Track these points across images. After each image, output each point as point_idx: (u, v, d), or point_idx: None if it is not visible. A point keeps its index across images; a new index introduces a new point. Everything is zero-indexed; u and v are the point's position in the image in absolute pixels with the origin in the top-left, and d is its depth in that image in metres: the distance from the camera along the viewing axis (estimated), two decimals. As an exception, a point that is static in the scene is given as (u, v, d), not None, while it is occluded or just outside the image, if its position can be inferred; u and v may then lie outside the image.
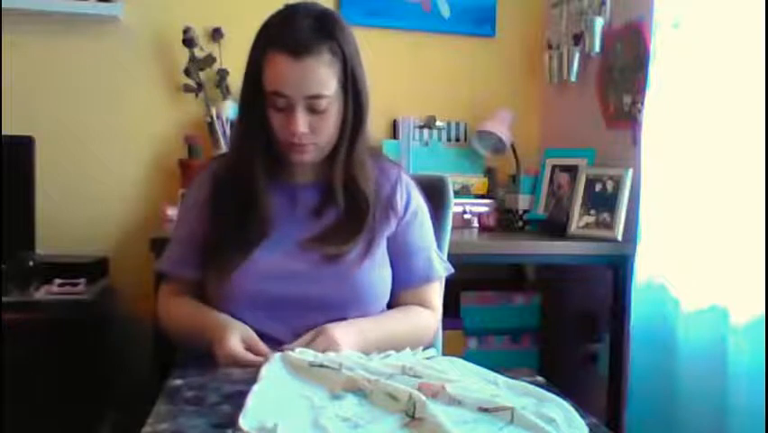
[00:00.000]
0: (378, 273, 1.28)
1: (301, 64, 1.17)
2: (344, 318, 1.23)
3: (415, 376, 0.93)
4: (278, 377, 0.95)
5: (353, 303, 1.24)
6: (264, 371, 0.95)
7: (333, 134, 1.24)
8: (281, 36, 1.18)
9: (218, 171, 1.31)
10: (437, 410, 0.83)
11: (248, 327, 1.17)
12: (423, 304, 1.35)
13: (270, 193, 1.27)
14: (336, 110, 1.22)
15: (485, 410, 0.85)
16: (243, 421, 0.81)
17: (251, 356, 1.10)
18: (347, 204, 1.27)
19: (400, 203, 1.33)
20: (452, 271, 1.40)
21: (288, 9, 1.23)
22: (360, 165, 1.28)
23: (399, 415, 0.85)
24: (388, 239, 1.31)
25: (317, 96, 1.19)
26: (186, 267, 1.30)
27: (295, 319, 1.21)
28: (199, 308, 1.27)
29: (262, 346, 1.13)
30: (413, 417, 0.84)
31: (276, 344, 1.16)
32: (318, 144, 1.23)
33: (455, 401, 0.87)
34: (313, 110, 1.19)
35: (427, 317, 1.35)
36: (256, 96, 1.22)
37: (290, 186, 1.30)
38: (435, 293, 1.38)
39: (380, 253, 1.29)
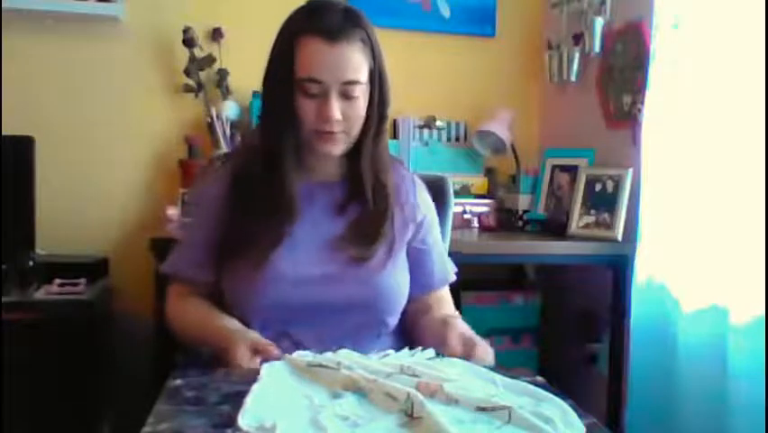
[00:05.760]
0: (400, 276, 1.27)
1: (337, 49, 1.15)
2: (365, 321, 1.22)
3: (413, 375, 0.93)
4: (279, 377, 0.95)
5: (377, 306, 1.23)
6: (264, 371, 0.95)
7: (362, 125, 1.22)
8: (313, 22, 1.17)
9: (238, 169, 1.26)
10: (435, 409, 0.83)
11: (255, 333, 1.13)
12: (447, 306, 1.36)
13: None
14: (365, 99, 1.20)
15: (482, 410, 0.85)
16: (242, 420, 0.81)
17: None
18: (372, 201, 1.25)
19: (416, 208, 1.32)
20: (456, 270, 1.40)
21: (312, 3, 1.21)
22: (383, 162, 1.27)
23: (398, 414, 0.85)
24: (407, 243, 1.31)
25: (352, 83, 1.17)
26: (197, 270, 1.27)
27: (318, 322, 1.19)
28: (210, 313, 1.23)
29: (272, 349, 1.08)
30: (411, 416, 0.84)
31: (299, 346, 1.13)
32: (348, 134, 1.20)
33: (453, 401, 0.87)
34: (346, 96, 1.17)
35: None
36: (284, 86, 1.18)
37: (310, 184, 1.27)
38: (448, 291, 1.39)
39: (401, 255, 1.29)
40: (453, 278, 1.39)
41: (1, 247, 2.01)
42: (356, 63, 1.17)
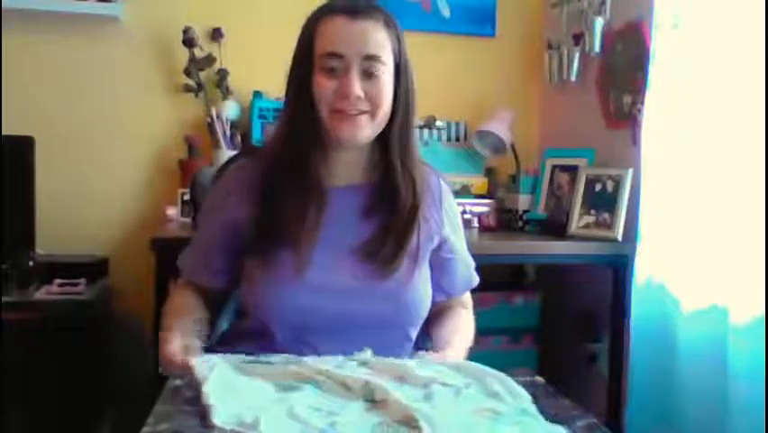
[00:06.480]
0: (424, 287, 1.25)
1: (358, 24, 1.13)
2: (390, 334, 1.21)
3: (363, 364, 0.95)
4: (224, 374, 0.93)
5: (402, 321, 1.21)
6: (202, 369, 0.93)
7: (386, 112, 1.17)
8: (335, 5, 1.15)
9: (263, 169, 1.22)
10: (396, 392, 0.85)
11: (194, 338, 1.10)
12: (463, 303, 1.38)
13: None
14: (389, 85, 1.16)
15: (431, 385, 0.90)
16: (218, 419, 0.80)
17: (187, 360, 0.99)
18: (395, 204, 1.21)
19: (443, 220, 1.29)
20: (476, 279, 1.40)
21: None
22: (413, 158, 1.23)
23: (359, 402, 0.86)
24: (432, 250, 1.28)
25: (374, 58, 1.13)
26: (211, 275, 1.25)
27: (340, 332, 1.15)
28: (184, 308, 1.21)
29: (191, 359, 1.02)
30: (373, 401, 0.85)
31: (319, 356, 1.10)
32: (372, 117, 1.15)
33: (404, 381, 0.91)
34: (368, 74, 1.13)
35: (470, 317, 1.37)
36: (306, 69, 1.15)
37: (336, 188, 1.22)
38: (469, 298, 1.42)
39: (425, 265, 1.26)
40: (476, 282, 1.39)
41: (1, 247, 2.01)
42: (378, 39, 1.14)
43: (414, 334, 1.26)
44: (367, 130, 1.16)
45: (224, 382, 0.90)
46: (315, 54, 1.14)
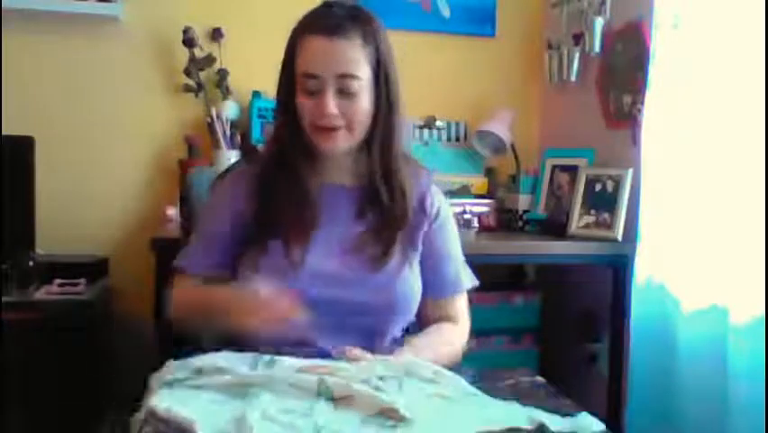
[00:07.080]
0: (414, 282, 1.28)
1: (334, 43, 1.17)
2: (380, 324, 1.23)
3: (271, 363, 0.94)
4: (172, 389, 0.93)
5: (391, 310, 1.24)
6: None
7: (364, 124, 1.22)
8: (316, 22, 1.20)
9: (260, 171, 1.28)
10: (359, 387, 0.85)
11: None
12: (453, 315, 1.36)
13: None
14: (368, 98, 1.21)
15: (371, 380, 0.90)
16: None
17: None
18: (387, 204, 1.26)
19: (432, 209, 1.32)
20: (477, 283, 1.39)
21: (325, 3, 1.24)
22: (396, 163, 1.26)
23: (321, 401, 0.85)
24: (422, 247, 1.31)
25: (348, 76, 1.17)
26: (210, 264, 1.28)
27: (332, 321, 1.18)
28: (209, 285, 1.24)
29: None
30: (333, 399, 0.85)
31: (311, 347, 1.14)
32: (350, 130, 1.21)
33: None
34: (343, 92, 1.18)
35: (458, 334, 1.35)
36: (289, 85, 1.22)
37: (330, 187, 1.28)
38: (464, 302, 1.39)
39: (416, 261, 1.29)
40: (467, 286, 1.38)
41: (1, 247, 2.01)
42: (353, 57, 1.18)
43: (404, 323, 1.29)
44: (345, 142, 1.23)
45: (176, 397, 0.89)
46: (296, 72, 1.20)
